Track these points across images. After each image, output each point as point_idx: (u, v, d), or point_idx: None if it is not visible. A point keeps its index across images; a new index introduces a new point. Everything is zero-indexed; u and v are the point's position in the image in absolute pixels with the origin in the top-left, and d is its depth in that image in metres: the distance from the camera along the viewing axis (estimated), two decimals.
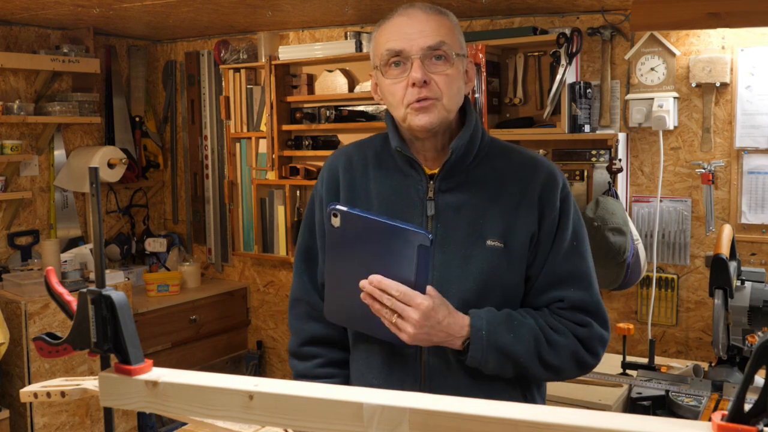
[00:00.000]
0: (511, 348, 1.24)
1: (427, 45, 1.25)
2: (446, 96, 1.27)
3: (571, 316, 1.30)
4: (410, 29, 1.27)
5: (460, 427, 0.72)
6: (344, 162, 1.42)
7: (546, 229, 1.31)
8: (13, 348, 2.97)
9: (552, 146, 3.02)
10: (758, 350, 0.63)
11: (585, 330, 1.30)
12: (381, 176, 1.38)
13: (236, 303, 4.00)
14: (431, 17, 1.28)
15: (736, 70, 2.71)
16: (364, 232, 1.18)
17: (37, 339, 0.88)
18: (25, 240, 3.59)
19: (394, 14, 1.31)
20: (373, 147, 1.43)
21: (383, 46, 1.29)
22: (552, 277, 1.31)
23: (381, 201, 1.36)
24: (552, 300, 1.32)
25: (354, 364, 1.44)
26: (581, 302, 1.30)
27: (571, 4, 2.88)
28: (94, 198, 0.83)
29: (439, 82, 1.26)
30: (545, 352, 1.26)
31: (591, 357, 1.31)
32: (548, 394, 2.25)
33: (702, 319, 2.88)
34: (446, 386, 1.30)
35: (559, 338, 1.28)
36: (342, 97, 3.53)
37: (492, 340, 1.23)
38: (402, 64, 1.27)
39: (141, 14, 3.29)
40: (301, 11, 3.23)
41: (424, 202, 1.32)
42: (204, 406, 0.83)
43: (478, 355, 1.23)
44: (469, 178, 1.33)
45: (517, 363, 1.25)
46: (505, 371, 1.27)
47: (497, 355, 1.23)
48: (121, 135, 3.99)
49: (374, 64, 1.34)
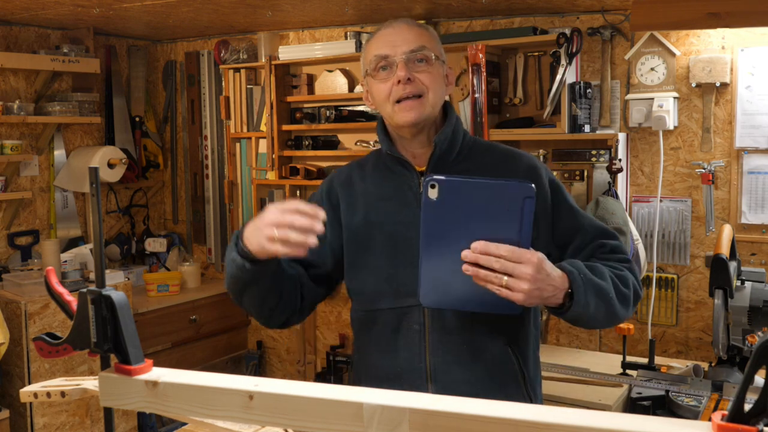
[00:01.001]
0: (603, 287, 1.31)
1: (410, 49, 1.39)
2: (431, 90, 1.39)
3: (614, 257, 1.42)
4: (395, 37, 1.41)
5: (460, 427, 0.72)
6: (343, 178, 1.53)
7: (540, 209, 1.38)
8: (13, 348, 2.97)
9: (552, 146, 3.02)
10: (758, 350, 0.63)
11: (629, 265, 1.42)
12: (378, 181, 1.48)
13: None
14: (413, 28, 1.43)
15: (736, 70, 2.71)
16: (464, 198, 1.16)
17: (37, 339, 0.88)
18: (25, 240, 3.60)
19: (381, 27, 1.45)
20: (369, 161, 1.55)
21: (371, 54, 1.43)
22: (585, 233, 1.43)
23: (379, 202, 1.44)
24: (595, 249, 1.42)
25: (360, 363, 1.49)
26: (617, 246, 1.44)
27: (571, 4, 2.88)
28: (94, 198, 0.83)
29: (422, 79, 1.39)
30: (620, 286, 1.35)
31: (640, 288, 1.43)
32: (548, 394, 2.26)
33: (702, 319, 2.88)
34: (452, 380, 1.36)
35: (622, 273, 1.38)
36: (342, 97, 3.53)
37: (588, 284, 1.28)
38: (388, 68, 1.40)
39: (141, 14, 3.29)
40: (301, 11, 3.23)
41: (418, 196, 1.39)
42: (204, 406, 0.83)
43: (583, 299, 1.27)
44: (456, 172, 1.40)
45: (608, 302, 1.32)
46: (599, 314, 1.32)
47: (594, 297, 1.29)
48: (121, 135, 3.99)
49: (364, 72, 1.47)
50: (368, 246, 1.43)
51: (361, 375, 1.50)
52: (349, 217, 1.46)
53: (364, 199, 1.46)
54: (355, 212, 1.46)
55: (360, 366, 1.50)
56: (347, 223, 1.46)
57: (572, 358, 2.60)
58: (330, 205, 1.48)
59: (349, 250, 1.46)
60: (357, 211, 1.46)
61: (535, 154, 3.06)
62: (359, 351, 1.50)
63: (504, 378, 1.39)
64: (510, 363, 1.40)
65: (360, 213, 1.45)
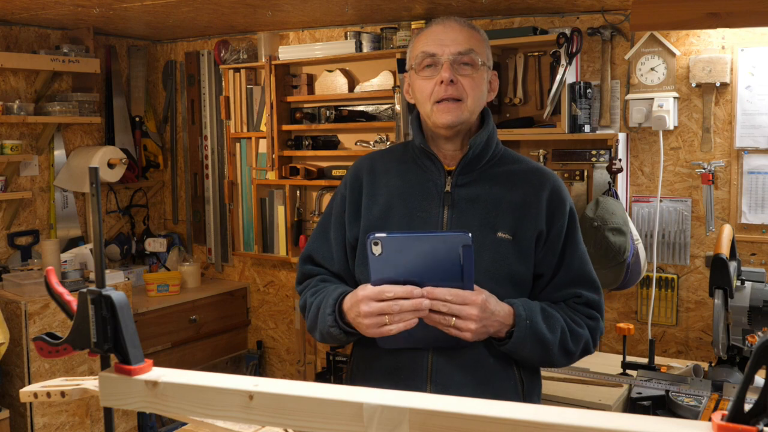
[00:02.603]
0: (546, 336, 1.36)
1: (458, 51, 1.40)
2: (471, 97, 1.41)
3: (584, 310, 1.46)
4: (444, 36, 1.42)
5: (460, 427, 0.72)
6: (368, 165, 1.54)
7: (555, 233, 1.44)
8: (13, 348, 2.97)
9: (552, 146, 3.02)
10: (758, 350, 0.63)
11: (594, 323, 1.46)
12: (402, 172, 1.50)
13: (236, 303, 4.00)
14: (464, 29, 1.43)
15: (736, 70, 2.71)
16: (406, 251, 1.25)
17: (37, 339, 0.88)
18: (25, 240, 3.60)
19: (432, 23, 1.46)
20: (395, 151, 1.57)
21: (419, 49, 1.44)
22: (572, 276, 1.46)
23: (401, 194, 1.46)
24: (570, 295, 1.46)
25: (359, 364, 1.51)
26: (594, 301, 1.47)
27: (571, 4, 2.88)
28: (94, 198, 0.83)
29: (465, 84, 1.40)
30: (568, 341, 1.40)
31: (593, 347, 1.48)
32: (548, 394, 2.26)
33: (702, 319, 2.88)
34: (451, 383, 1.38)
35: (578, 329, 1.43)
36: (342, 97, 3.53)
37: (533, 328, 1.34)
38: (434, 66, 1.41)
39: (141, 14, 3.29)
40: (301, 11, 3.23)
41: (442, 194, 1.44)
42: (204, 406, 0.83)
43: (520, 341, 1.34)
44: (483, 176, 1.46)
45: (546, 350, 1.37)
46: (533, 357, 1.38)
47: (534, 342, 1.35)
48: (121, 135, 3.99)
49: (409, 66, 1.48)
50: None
51: (359, 368, 1.50)
52: (370, 205, 1.48)
53: (387, 190, 1.48)
54: (376, 202, 1.48)
55: (359, 359, 1.51)
56: (367, 211, 1.48)
57: None
58: (352, 196, 1.51)
59: (363, 241, 1.47)
60: (378, 200, 1.48)
61: (534, 154, 3.07)
62: (360, 343, 1.50)
63: (503, 385, 1.41)
64: (510, 371, 1.43)
65: (380, 203, 1.47)
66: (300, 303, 1.54)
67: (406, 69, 1.50)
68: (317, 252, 1.55)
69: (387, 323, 1.26)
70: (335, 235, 1.52)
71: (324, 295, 1.44)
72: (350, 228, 1.49)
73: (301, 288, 1.56)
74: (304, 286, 1.55)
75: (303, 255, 1.59)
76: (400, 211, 1.45)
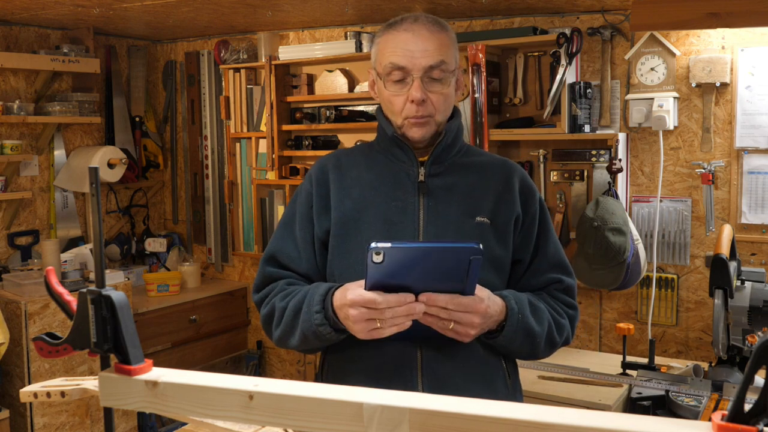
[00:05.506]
0: (535, 329, 1.37)
1: (429, 64, 1.37)
2: (439, 113, 1.42)
3: (563, 299, 1.48)
4: (414, 47, 1.37)
5: (460, 427, 0.72)
6: (333, 161, 1.52)
7: (530, 219, 1.47)
8: (13, 348, 2.97)
9: (552, 146, 3.02)
10: (758, 350, 0.63)
11: (573, 312, 1.49)
12: (371, 165, 1.48)
13: (236, 303, 4.00)
14: (434, 35, 1.39)
15: (736, 70, 2.71)
16: (410, 262, 1.21)
17: (37, 339, 0.88)
18: (25, 240, 3.60)
19: (400, 27, 1.40)
20: (360, 148, 1.56)
21: (387, 58, 1.39)
22: (550, 261, 1.48)
23: (374, 185, 1.44)
24: (551, 281, 1.47)
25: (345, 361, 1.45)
26: (573, 287, 1.50)
27: (571, 4, 2.88)
28: (94, 198, 0.83)
29: (434, 101, 1.39)
30: (554, 333, 1.42)
31: (572, 336, 1.50)
32: (548, 394, 2.27)
33: (702, 319, 2.88)
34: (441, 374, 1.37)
35: (562, 321, 1.44)
36: (342, 97, 3.53)
37: (523, 322, 1.35)
38: (403, 81, 1.39)
39: (141, 14, 3.29)
40: (301, 11, 3.23)
41: (416, 183, 1.43)
42: (204, 406, 0.83)
43: (510, 335, 1.34)
44: (454, 166, 1.47)
45: (534, 343, 1.38)
46: (522, 349, 1.39)
47: (524, 335, 1.36)
48: (121, 135, 3.99)
49: (375, 68, 1.46)
50: (359, 228, 1.41)
51: (335, 368, 1.45)
52: (341, 198, 1.44)
53: (358, 182, 1.45)
54: (348, 195, 1.44)
55: (334, 359, 1.45)
56: (339, 204, 1.44)
57: (572, 358, 2.60)
58: (320, 190, 1.47)
59: (337, 233, 1.43)
60: (350, 193, 1.44)
61: (534, 154, 3.07)
62: (333, 346, 1.42)
63: (493, 377, 1.42)
64: (499, 362, 1.44)
65: (353, 195, 1.44)
66: (264, 311, 1.45)
67: (373, 66, 1.46)
68: (281, 252, 1.48)
69: (378, 327, 1.23)
70: (302, 233, 1.46)
71: (302, 296, 1.36)
72: (319, 222, 1.44)
73: (262, 295, 1.47)
74: (267, 292, 1.46)
75: (265, 256, 1.50)
76: (374, 201, 1.42)
